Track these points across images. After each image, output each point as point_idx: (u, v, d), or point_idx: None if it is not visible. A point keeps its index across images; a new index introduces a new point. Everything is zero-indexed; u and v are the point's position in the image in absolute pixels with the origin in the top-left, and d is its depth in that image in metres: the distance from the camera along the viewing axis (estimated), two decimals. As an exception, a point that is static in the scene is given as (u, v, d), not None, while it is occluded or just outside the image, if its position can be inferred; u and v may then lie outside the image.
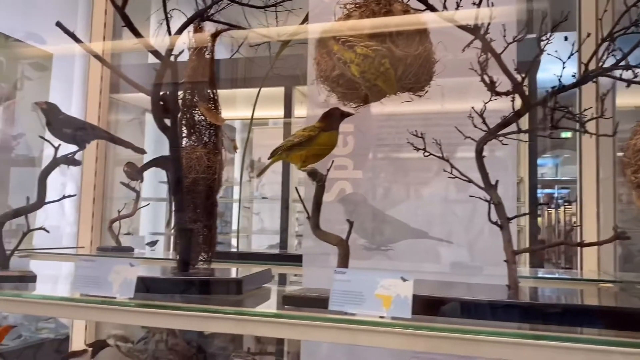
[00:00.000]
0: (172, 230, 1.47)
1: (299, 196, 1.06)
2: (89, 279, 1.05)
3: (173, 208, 1.52)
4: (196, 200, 1.49)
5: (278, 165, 3.84)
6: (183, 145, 1.52)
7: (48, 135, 1.27)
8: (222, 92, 1.53)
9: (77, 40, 1.20)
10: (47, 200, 1.24)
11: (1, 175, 3.15)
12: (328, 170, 1.05)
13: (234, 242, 3.72)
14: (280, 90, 3.70)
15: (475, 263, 1.51)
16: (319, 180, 1.02)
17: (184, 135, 1.54)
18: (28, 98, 3.41)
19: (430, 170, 1.52)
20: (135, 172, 2.17)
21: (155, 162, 1.94)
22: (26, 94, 3.42)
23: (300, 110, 3.65)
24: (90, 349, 1.92)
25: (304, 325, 0.92)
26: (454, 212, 1.53)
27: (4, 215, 1.22)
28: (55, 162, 1.24)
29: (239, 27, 1.62)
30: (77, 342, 2.18)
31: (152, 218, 4.17)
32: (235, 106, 3.48)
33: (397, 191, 1.53)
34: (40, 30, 3.26)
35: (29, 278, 1.20)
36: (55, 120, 1.25)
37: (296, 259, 2.15)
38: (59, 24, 1.25)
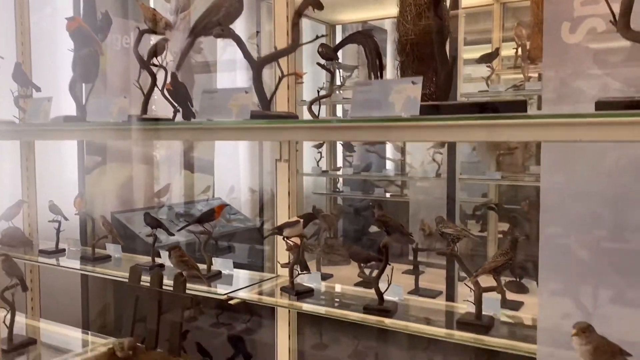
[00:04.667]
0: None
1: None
2: (368, 102, 1.06)
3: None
4: (426, 50, 1.45)
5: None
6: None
7: None
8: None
9: None
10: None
11: (188, 83, 3.42)
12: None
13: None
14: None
15: None
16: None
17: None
18: (200, 9, 3.56)
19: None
20: (330, 52, 2.19)
21: (351, 39, 1.92)
22: (198, 5, 3.57)
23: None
24: (301, 220, 2.04)
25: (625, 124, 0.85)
26: None
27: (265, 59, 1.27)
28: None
29: None
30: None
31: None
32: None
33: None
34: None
35: (293, 115, 1.26)
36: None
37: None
38: None
